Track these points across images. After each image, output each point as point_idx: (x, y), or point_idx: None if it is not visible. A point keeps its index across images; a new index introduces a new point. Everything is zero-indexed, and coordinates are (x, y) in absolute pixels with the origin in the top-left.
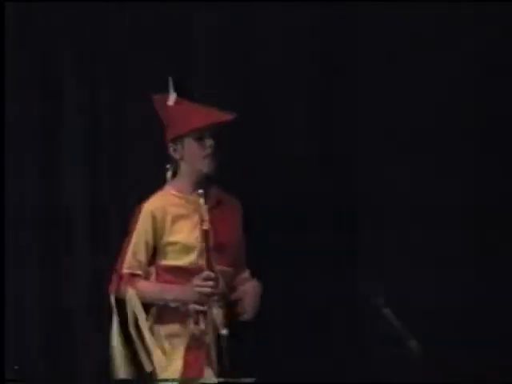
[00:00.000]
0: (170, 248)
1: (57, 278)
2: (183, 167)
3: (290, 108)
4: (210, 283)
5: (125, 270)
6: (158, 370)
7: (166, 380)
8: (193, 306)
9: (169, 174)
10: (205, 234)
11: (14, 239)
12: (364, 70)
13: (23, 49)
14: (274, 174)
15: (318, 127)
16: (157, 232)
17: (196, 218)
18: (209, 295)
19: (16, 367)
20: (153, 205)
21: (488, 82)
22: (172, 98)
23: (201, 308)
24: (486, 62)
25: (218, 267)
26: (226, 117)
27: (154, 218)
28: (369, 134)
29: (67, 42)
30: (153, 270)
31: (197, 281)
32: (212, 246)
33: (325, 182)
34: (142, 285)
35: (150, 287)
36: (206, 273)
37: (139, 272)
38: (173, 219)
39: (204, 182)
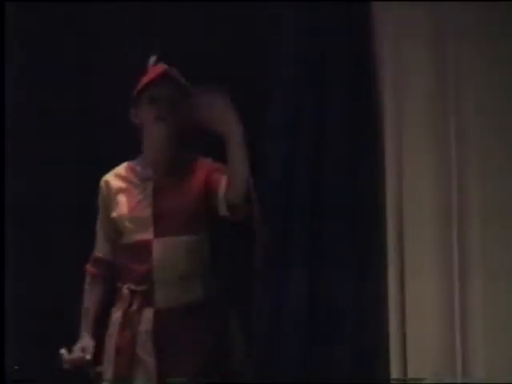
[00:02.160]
0: (117, 224)
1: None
2: (144, 135)
3: None
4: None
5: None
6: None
7: None
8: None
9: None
10: None
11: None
12: None
13: (23, 48)
14: None
15: None
16: (107, 208)
17: (140, 190)
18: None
19: (16, 367)
20: (104, 179)
21: None
22: (152, 59)
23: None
24: None
25: (167, 238)
26: (164, 69)
27: (101, 192)
28: None
29: (68, 42)
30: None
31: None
32: (160, 214)
33: None
34: (87, 284)
35: (86, 290)
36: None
37: (99, 255)
38: (115, 193)
39: (166, 149)
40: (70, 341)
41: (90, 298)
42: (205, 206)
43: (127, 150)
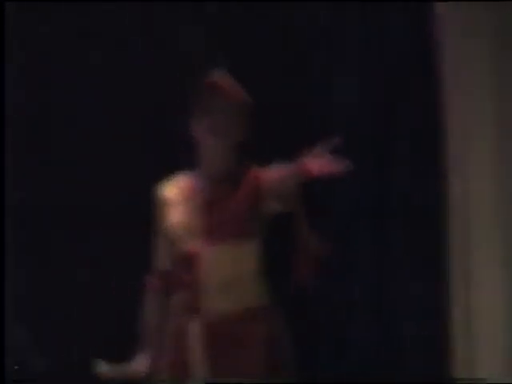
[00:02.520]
0: (171, 235)
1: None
2: (200, 146)
3: None
4: None
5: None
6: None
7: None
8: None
9: None
10: None
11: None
12: None
13: (23, 48)
14: None
15: None
16: (162, 219)
17: (193, 201)
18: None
19: (16, 367)
20: (159, 189)
21: None
22: (214, 70)
23: None
24: None
25: (217, 246)
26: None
27: (157, 203)
28: None
29: (68, 43)
30: None
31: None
32: (211, 224)
33: None
34: (147, 297)
35: (147, 302)
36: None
37: (161, 268)
38: (169, 203)
39: (221, 161)
40: (71, 341)
41: (151, 315)
42: (256, 211)
43: (128, 149)
